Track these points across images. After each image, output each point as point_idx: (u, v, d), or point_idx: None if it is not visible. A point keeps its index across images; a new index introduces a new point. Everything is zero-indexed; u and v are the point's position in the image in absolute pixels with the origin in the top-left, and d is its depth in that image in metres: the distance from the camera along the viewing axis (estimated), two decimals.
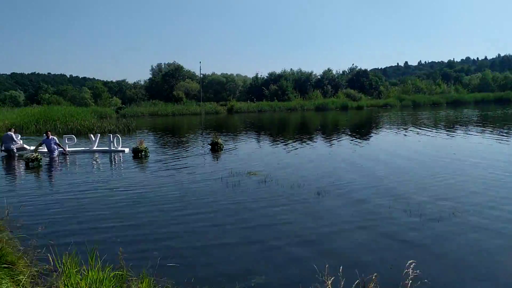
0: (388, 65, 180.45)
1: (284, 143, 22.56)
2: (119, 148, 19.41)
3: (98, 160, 17.27)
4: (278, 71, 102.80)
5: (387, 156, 16.68)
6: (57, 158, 17.77)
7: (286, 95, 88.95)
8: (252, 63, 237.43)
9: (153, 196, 10.37)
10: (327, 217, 8.36)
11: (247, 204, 9.40)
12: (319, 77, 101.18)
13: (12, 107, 70.42)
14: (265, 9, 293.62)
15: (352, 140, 23.39)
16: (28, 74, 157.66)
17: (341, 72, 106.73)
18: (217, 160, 16.96)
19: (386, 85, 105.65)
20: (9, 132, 18.80)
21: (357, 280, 4.59)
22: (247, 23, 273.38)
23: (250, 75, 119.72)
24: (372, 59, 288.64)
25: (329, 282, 4.10)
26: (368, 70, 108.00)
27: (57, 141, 18.82)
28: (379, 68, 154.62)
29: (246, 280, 5.38)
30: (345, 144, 21.28)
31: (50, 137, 18.48)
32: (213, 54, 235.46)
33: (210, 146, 20.19)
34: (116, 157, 17.83)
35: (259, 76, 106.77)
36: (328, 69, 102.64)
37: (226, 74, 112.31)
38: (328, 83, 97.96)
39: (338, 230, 7.58)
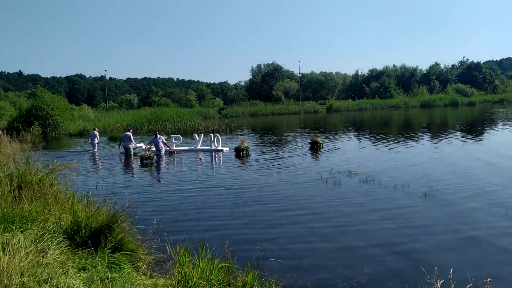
0: (505, 57, 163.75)
1: (386, 142, 21.74)
2: (219, 148, 20.19)
3: (202, 158, 18.19)
4: (379, 67, 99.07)
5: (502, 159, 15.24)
6: (164, 157, 19.05)
7: (389, 92, 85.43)
8: (352, 60, 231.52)
9: (255, 194, 10.66)
10: (434, 221, 7.90)
11: (348, 204, 9.24)
12: (425, 72, 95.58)
13: (127, 109, 77.11)
14: (365, 3, 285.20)
15: (461, 139, 21.76)
16: (140, 79, 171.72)
17: (450, 66, 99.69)
18: (316, 159, 16.90)
19: (502, 79, 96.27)
20: (127, 133, 20.59)
21: (470, 284, 4.28)
22: (345, 20, 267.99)
23: (350, 72, 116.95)
24: (485, 51, 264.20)
25: (438, 284, 3.89)
26: (481, 62, 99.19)
27: (164, 140, 20.15)
28: (494, 60, 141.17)
29: (349, 279, 5.30)
30: (454, 143, 19.87)
31: (158, 137, 19.86)
32: (311, 52, 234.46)
33: (309, 145, 20.18)
34: (217, 156, 18.62)
35: (359, 73, 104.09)
36: (436, 63, 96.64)
37: (325, 72, 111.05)
38: (435, 78, 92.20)
39: (445, 235, 7.12)
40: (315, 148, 19.65)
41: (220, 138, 20.79)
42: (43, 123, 38.43)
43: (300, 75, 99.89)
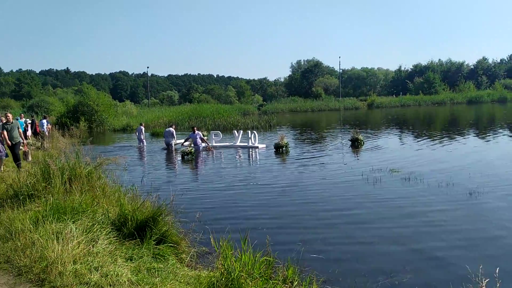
0: None
1: (430, 139, 21.18)
2: (256, 144, 20.16)
3: (241, 155, 18.34)
4: (424, 62, 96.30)
5: None
6: (201, 152, 19.25)
7: (433, 88, 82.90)
8: (395, 55, 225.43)
9: (295, 191, 10.69)
10: (478, 221, 7.67)
11: (389, 202, 9.11)
12: (472, 67, 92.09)
13: (168, 105, 78.76)
14: None
15: (510, 138, 20.86)
16: (181, 75, 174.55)
17: (498, 60, 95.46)
18: (357, 157, 16.71)
19: None
20: (170, 128, 21.04)
21: None
22: (388, 13, 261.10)
23: (393, 68, 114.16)
24: None
25: (484, 283, 3.80)
26: None
27: (202, 136, 20.38)
28: None
29: (390, 278, 5.25)
30: (502, 143, 19.08)
31: (196, 132, 20.18)
32: (353, 48, 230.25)
33: (350, 142, 19.96)
34: (256, 153, 18.70)
35: (402, 68, 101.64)
36: (483, 57, 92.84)
37: (367, 68, 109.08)
38: (482, 73, 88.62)
39: (491, 234, 6.90)
40: (355, 145, 19.42)
41: (256, 135, 20.75)
42: (89, 119, 39.88)
43: (340, 70, 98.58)
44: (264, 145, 20.24)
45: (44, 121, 24.05)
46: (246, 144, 20.63)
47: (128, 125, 40.47)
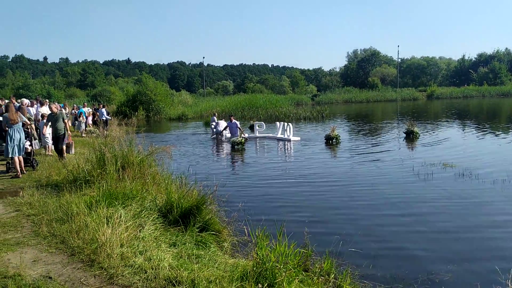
0: None
1: (492, 133, 20.13)
2: (291, 137, 19.70)
3: (290, 146, 18.28)
4: (489, 51, 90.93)
5: None
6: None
7: (499, 79, 78.25)
8: (458, 43, 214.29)
9: (340, 182, 10.60)
10: None
11: (437, 200, 8.78)
12: None
13: (223, 95, 79.93)
14: None
15: None
16: (236, 65, 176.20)
17: None
18: (411, 150, 16.22)
19: None
20: (234, 121, 21.06)
21: None
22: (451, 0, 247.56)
23: (456, 57, 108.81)
24: None
25: None
26: None
27: (238, 125, 20.42)
28: None
29: (431, 275, 5.14)
30: None
31: (233, 121, 20.34)
32: (413, 36, 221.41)
33: (405, 135, 19.39)
34: (304, 144, 18.56)
35: (466, 58, 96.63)
36: None
37: (427, 57, 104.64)
38: None
39: None
40: (410, 138, 18.83)
41: (291, 127, 20.25)
42: (147, 108, 41.39)
43: (399, 60, 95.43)
44: (298, 138, 19.89)
45: (104, 110, 25.27)
46: (282, 136, 20.28)
47: (183, 114, 41.60)
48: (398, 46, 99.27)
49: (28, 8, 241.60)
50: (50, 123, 12.36)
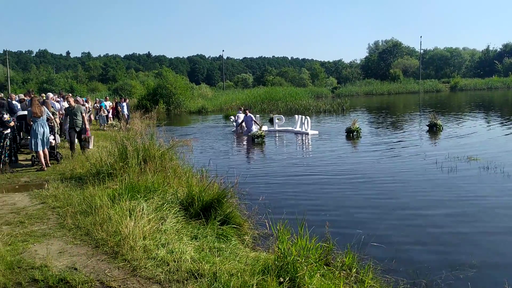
0: None
1: None
2: (309, 131, 19.62)
3: (308, 140, 18.14)
4: None
5: None
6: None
7: None
8: (483, 34, 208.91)
9: (361, 177, 10.48)
10: None
11: (463, 193, 8.62)
12: None
13: (242, 88, 79.90)
14: None
15: None
16: (256, 58, 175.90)
17: None
18: (434, 143, 15.95)
19: None
20: (249, 114, 21.02)
21: None
22: None
23: (480, 48, 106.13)
24: None
25: None
26: None
27: (254, 119, 20.38)
28: None
29: (455, 270, 5.05)
30: None
31: (248, 115, 20.31)
32: (436, 26, 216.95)
33: (427, 128, 19.06)
34: (322, 137, 18.41)
35: (490, 48, 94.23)
36: None
37: (451, 48, 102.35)
38: None
39: None
40: (434, 130, 18.51)
41: (309, 120, 20.12)
42: (167, 101, 41.72)
43: (421, 51, 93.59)
44: (317, 132, 19.73)
45: (124, 104, 25.40)
46: (299, 130, 20.23)
47: (203, 108, 41.79)
48: (421, 37, 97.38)
49: (51, 4, 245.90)
50: (68, 117, 12.03)
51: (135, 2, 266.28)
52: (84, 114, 11.99)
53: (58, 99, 18.08)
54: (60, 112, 15.62)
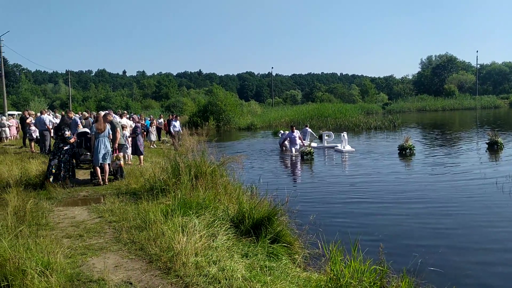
0: None
1: None
2: (345, 147, 19.21)
3: (360, 157, 17.77)
4: None
5: None
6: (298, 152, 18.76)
7: None
8: None
9: (416, 196, 10.11)
10: None
11: None
12: None
13: (291, 104, 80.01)
14: None
15: None
16: (305, 74, 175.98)
17: None
18: (494, 161, 15.16)
19: None
20: (296, 131, 21.02)
21: None
22: None
23: None
24: None
25: None
26: None
27: (299, 136, 20.35)
28: None
29: None
30: None
31: (294, 132, 20.31)
32: (493, 40, 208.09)
33: (487, 146, 18.13)
34: (376, 155, 17.96)
35: None
36: None
37: (509, 62, 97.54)
38: None
39: None
40: (494, 149, 17.55)
41: (346, 137, 19.74)
42: (217, 118, 42.50)
43: (478, 66, 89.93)
44: (353, 149, 19.27)
45: (174, 122, 25.60)
46: (337, 146, 19.91)
47: (252, 124, 42.17)
48: (477, 51, 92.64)
49: (110, 27, 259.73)
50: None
51: (186, 22, 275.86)
52: (118, 129, 11.34)
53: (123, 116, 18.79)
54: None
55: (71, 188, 10.03)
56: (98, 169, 10.47)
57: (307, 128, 23.36)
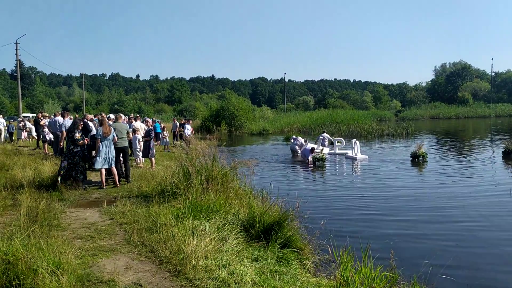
0: None
1: None
2: (358, 155, 19.05)
3: (373, 163, 17.65)
4: None
5: None
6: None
7: None
8: None
9: (428, 204, 10.00)
10: None
11: None
12: None
13: (303, 110, 79.86)
14: None
15: None
16: (317, 80, 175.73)
17: None
18: (509, 171, 14.91)
19: None
20: (325, 135, 20.99)
21: None
22: None
23: None
24: None
25: None
26: None
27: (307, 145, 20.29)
28: None
29: None
30: None
31: (307, 144, 20.18)
32: (508, 48, 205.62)
33: (502, 154, 17.84)
34: (387, 162, 17.83)
35: None
36: None
37: None
38: None
39: None
40: (511, 158, 17.26)
41: (358, 144, 19.56)
42: (229, 123, 42.61)
43: (493, 74, 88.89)
44: (366, 156, 19.12)
45: (187, 125, 25.83)
46: (349, 154, 19.73)
47: (264, 129, 42.18)
48: (492, 59, 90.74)
49: (124, 31, 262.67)
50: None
51: (200, 28, 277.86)
52: (130, 135, 11.21)
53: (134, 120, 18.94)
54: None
55: (83, 190, 10.11)
56: (103, 172, 10.52)
57: (324, 133, 23.29)
